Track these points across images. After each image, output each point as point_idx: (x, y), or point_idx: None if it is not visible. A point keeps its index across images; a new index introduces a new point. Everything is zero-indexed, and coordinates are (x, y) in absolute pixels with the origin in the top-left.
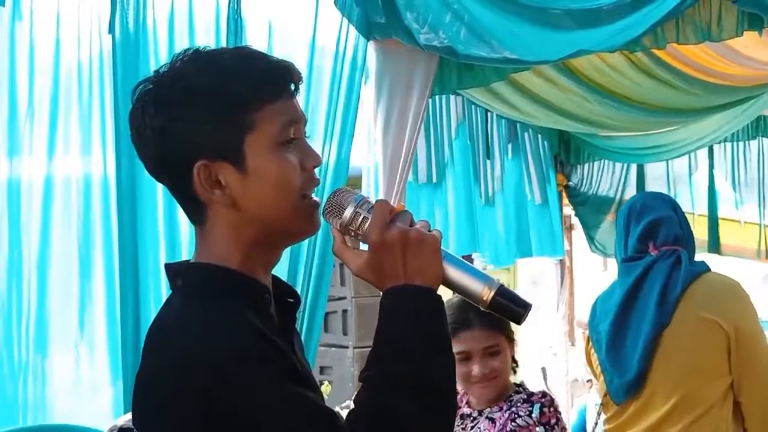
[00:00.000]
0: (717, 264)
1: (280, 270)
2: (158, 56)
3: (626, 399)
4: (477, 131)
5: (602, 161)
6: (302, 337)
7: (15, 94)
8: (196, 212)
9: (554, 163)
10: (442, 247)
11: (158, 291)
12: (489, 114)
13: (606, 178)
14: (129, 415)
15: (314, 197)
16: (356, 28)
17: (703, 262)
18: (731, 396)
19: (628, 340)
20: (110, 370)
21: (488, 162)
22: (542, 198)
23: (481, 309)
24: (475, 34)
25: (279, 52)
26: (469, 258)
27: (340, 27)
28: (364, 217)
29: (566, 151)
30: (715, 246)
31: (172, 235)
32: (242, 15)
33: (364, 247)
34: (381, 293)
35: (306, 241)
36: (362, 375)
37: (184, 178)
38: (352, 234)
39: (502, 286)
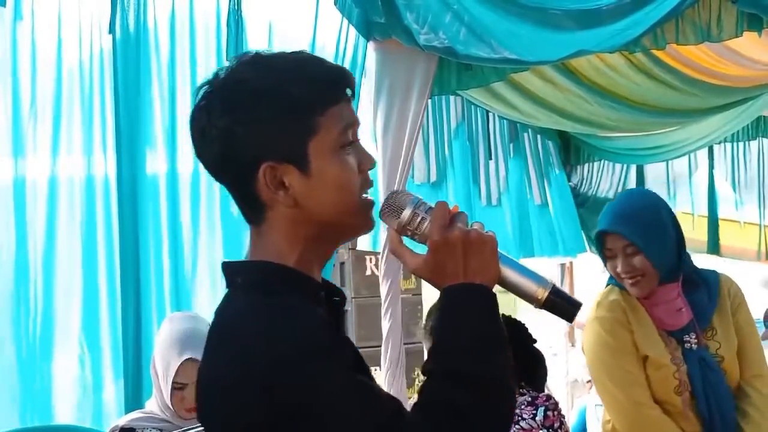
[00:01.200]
0: (717, 265)
1: None
2: (158, 56)
3: None
4: (477, 131)
5: (602, 161)
6: None
7: (18, 94)
8: (256, 212)
9: (562, 163)
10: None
11: (159, 291)
12: (489, 114)
13: (606, 179)
14: (130, 415)
15: (369, 197)
16: (356, 28)
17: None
18: None
19: None
20: (112, 370)
21: (490, 162)
22: (542, 199)
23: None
24: (475, 35)
25: None
26: None
27: (340, 27)
28: (422, 218)
29: (566, 152)
30: (714, 247)
31: (175, 235)
32: (242, 15)
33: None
34: (439, 290)
35: None
36: (424, 367)
37: (246, 178)
38: (409, 234)
39: (554, 286)
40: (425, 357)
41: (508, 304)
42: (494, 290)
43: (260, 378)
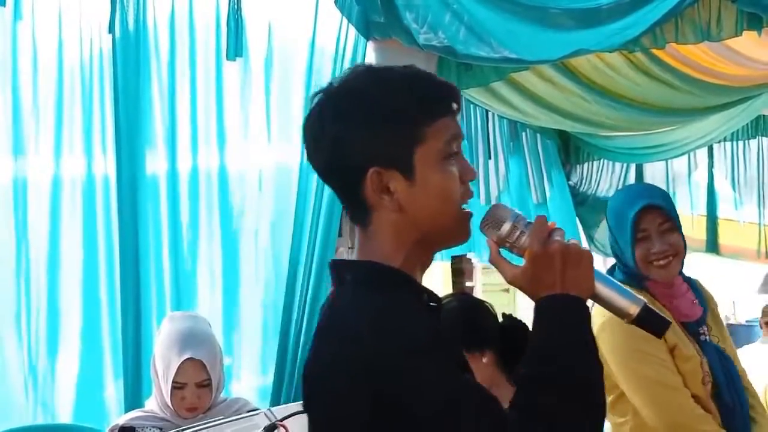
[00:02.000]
0: (716, 265)
1: (281, 268)
2: (158, 56)
3: None
4: (476, 131)
5: (602, 161)
6: (302, 337)
7: (18, 93)
8: (362, 214)
9: (561, 163)
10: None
11: (159, 291)
12: (489, 113)
13: (606, 178)
14: (130, 414)
15: (468, 208)
16: (356, 27)
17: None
18: (629, 403)
19: None
20: (112, 369)
21: (490, 162)
22: (541, 198)
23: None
24: (475, 34)
25: (279, 52)
26: (466, 258)
27: (340, 27)
28: (521, 231)
29: (566, 151)
30: (713, 246)
31: (175, 235)
32: (242, 15)
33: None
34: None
35: (306, 241)
36: (518, 373)
37: (354, 183)
38: (508, 246)
39: (645, 303)
40: None
41: (508, 304)
42: (490, 289)
43: (365, 365)
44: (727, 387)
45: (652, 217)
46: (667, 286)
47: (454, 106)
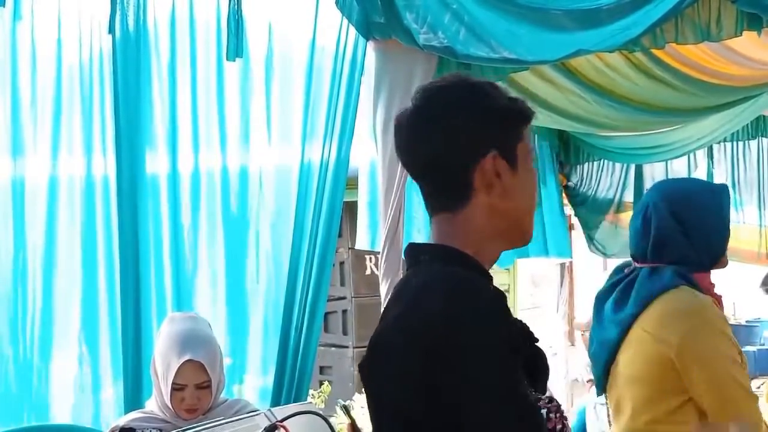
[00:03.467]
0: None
1: (281, 269)
2: (159, 56)
3: (599, 394)
4: None
5: (602, 161)
6: (302, 338)
7: (17, 93)
8: (459, 198)
9: (555, 165)
10: None
11: (159, 291)
12: None
13: (605, 178)
14: (129, 415)
15: None
16: (356, 28)
17: (671, 275)
18: (694, 407)
19: (592, 348)
20: (111, 370)
21: None
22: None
23: None
24: (474, 34)
25: (279, 52)
26: None
27: (340, 27)
28: None
29: (566, 151)
30: None
31: (175, 235)
32: (242, 15)
33: None
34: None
35: (306, 241)
36: None
37: (465, 168)
38: None
39: None
40: None
41: (508, 304)
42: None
43: (430, 344)
44: None
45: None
46: (711, 278)
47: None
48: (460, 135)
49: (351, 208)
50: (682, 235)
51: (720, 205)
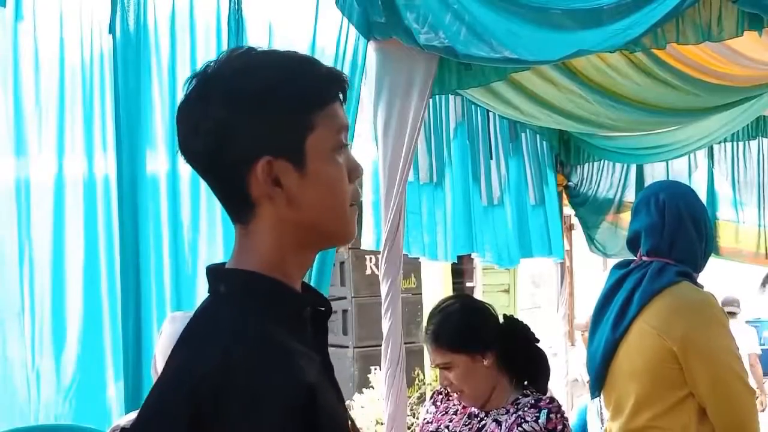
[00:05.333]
0: (715, 266)
1: None
2: (159, 56)
3: (594, 397)
4: (477, 131)
5: (602, 161)
6: None
7: (19, 94)
8: (243, 210)
9: (554, 164)
10: None
11: (160, 291)
12: (490, 113)
13: (606, 179)
14: (130, 415)
15: (356, 206)
16: (356, 28)
17: (675, 272)
18: (693, 403)
19: (593, 347)
20: (112, 370)
21: (492, 162)
22: (537, 199)
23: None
24: (475, 34)
25: None
26: (468, 258)
27: (340, 27)
28: None
29: (566, 152)
30: (713, 247)
31: (175, 235)
32: (243, 15)
33: None
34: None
35: None
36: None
37: (239, 173)
38: None
39: None
40: (425, 356)
41: (509, 305)
42: (491, 290)
43: (202, 407)
44: None
45: None
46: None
47: (341, 95)
48: (225, 137)
49: None
50: (695, 232)
51: (706, 208)
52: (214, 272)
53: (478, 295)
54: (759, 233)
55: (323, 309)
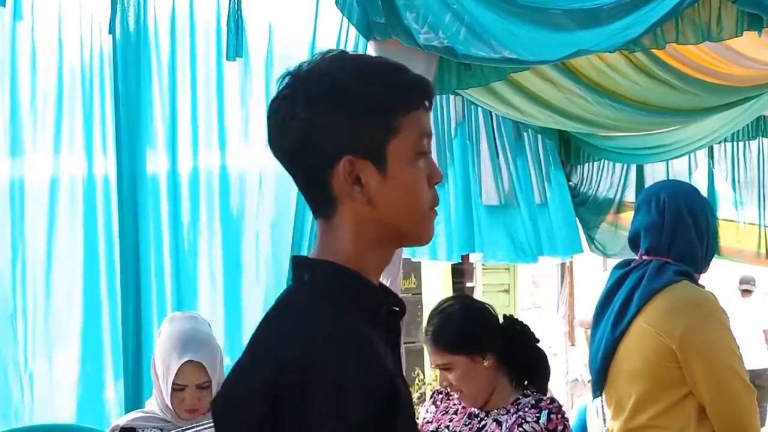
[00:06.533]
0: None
1: (281, 269)
2: (159, 56)
3: (596, 396)
4: (477, 131)
5: (602, 161)
6: None
7: (17, 94)
8: (326, 205)
9: (560, 163)
10: None
11: (159, 291)
12: (493, 114)
13: (606, 179)
14: (130, 415)
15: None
16: (356, 28)
17: (675, 271)
18: (692, 402)
19: (593, 347)
20: (111, 370)
21: (499, 160)
22: (542, 198)
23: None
24: (475, 34)
25: (279, 52)
26: (466, 257)
27: (340, 27)
28: None
29: (566, 152)
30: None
31: (175, 235)
32: (242, 15)
33: None
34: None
35: (306, 241)
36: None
37: (323, 170)
38: None
39: None
40: (425, 356)
41: (509, 305)
42: (491, 290)
43: (282, 391)
44: None
45: None
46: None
47: (427, 102)
48: (312, 135)
49: None
50: (695, 231)
51: (709, 208)
52: (298, 261)
53: (478, 295)
54: (759, 233)
55: (397, 309)
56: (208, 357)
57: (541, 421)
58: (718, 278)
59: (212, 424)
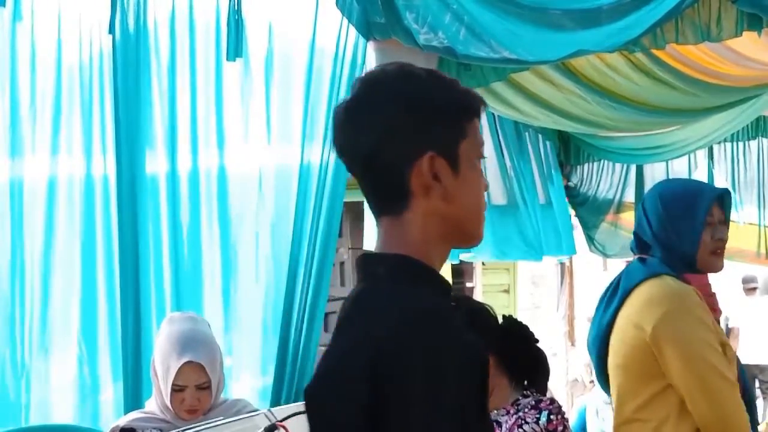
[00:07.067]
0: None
1: (281, 269)
2: (158, 56)
3: (606, 392)
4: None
5: (602, 162)
6: (302, 338)
7: (17, 94)
8: (398, 201)
9: (558, 163)
10: None
11: (159, 291)
12: (495, 114)
13: (606, 179)
14: (130, 415)
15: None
16: (356, 28)
17: (656, 265)
18: (674, 394)
19: (589, 341)
20: (111, 371)
21: (503, 161)
22: (545, 198)
23: None
24: (475, 35)
25: (279, 52)
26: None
27: (340, 27)
28: None
29: (566, 152)
30: None
31: (175, 235)
32: (242, 15)
33: None
34: None
35: (306, 241)
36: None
37: (401, 166)
38: None
39: None
40: None
41: (508, 305)
42: (490, 290)
43: (379, 371)
44: (744, 393)
45: (719, 206)
46: (703, 280)
47: (482, 112)
48: (394, 133)
49: (351, 208)
50: (670, 228)
51: (695, 207)
52: (368, 258)
53: (477, 295)
54: (759, 233)
55: (453, 304)
56: (207, 357)
57: (541, 422)
58: (724, 277)
59: (212, 425)
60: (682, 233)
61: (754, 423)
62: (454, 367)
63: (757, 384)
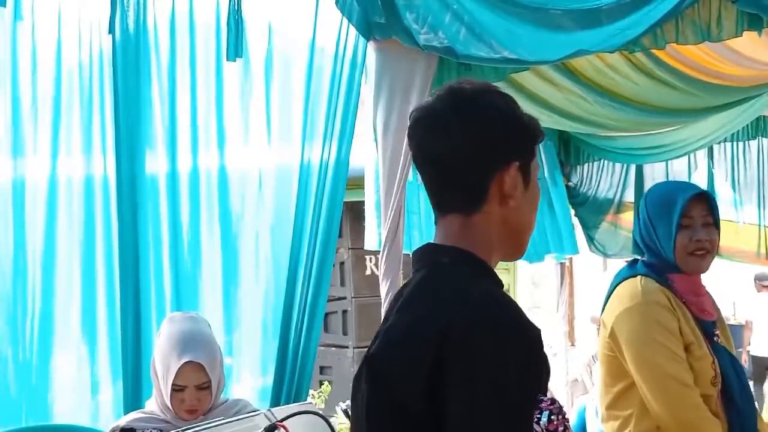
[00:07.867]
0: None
1: (281, 269)
2: (158, 56)
3: None
4: None
5: (602, 162)
6: (302, 338)
7: (17, 94)
8: (472, 202)
9: (559, 164)
10: None
11: (159, 291)
12: None
13: (606, 179)
14: (130, 415)
15: None
16: (356, 28)
17: (637, 267)
18: (637, 393)
19: None
20: (111, 370)
21: None
22: (547, 198)
23: None
24: (475, 35)
25: (279, 52)
26: None
27: (340, 27)
28: None
29: (566, 152)
30: None
31: (175, 235)
32: (242, 15)
33: None
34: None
35: (306, 241)
36: None
37: (488, 170)
38: None
39: None
40: None
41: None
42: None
43: (444, 346)
44: (740, 392)
45: (699, 207)
46: (691, 281)
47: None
48: (488, 140)
49: (351, 208)
50: (652, 228)
51: (670, 209)
52: (434, 247)
53: None
54: (759, 233)
55: None
56: (207, 357)
57: (541, 422)
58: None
59: (212, 425)
60: (660, 236)
61: (753, 413)
62: (518, 365)
63: None
